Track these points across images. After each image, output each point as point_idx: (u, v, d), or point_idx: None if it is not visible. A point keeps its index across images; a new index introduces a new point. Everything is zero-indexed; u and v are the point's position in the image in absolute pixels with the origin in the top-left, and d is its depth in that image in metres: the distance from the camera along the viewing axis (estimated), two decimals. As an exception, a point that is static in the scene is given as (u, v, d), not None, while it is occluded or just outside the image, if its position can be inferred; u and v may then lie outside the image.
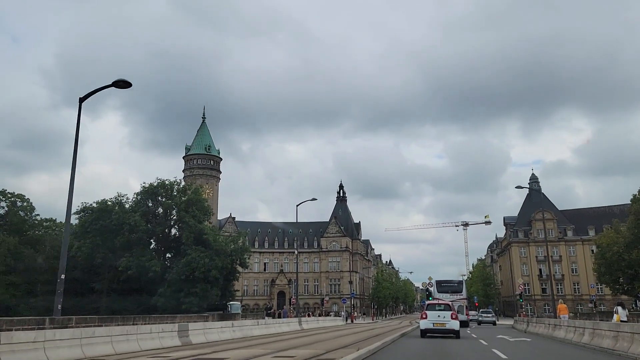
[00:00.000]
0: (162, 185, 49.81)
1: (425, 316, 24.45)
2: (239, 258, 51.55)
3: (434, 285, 46.50)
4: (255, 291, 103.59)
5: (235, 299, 58.22)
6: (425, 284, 45.90)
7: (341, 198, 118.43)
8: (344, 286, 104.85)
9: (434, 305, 25.56)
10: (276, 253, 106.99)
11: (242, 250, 51.22)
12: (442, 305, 25.45)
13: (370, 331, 32.08)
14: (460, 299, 45.93)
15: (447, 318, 23.59)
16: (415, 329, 34.40)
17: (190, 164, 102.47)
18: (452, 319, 23.61)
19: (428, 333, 24.32)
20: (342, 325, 42.33)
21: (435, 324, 23.75)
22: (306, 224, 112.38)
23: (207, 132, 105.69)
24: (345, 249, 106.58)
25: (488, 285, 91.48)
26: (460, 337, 23.60)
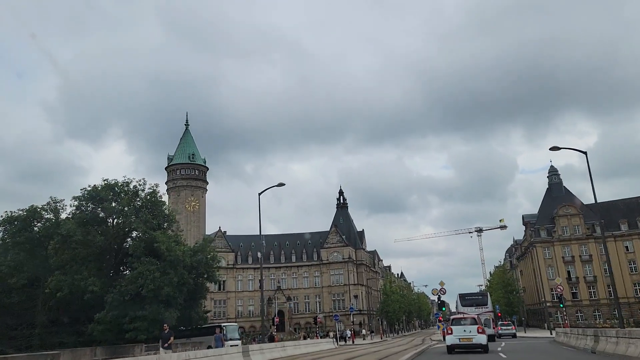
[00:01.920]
0: (110, 188, 40.55)
1: (451, 331, 23.24)
2: (206, 272, 42.08)
3: (457, 299, 43.02)
4: (250, 312, 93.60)
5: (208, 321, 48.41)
6: (436, 290, 36.38)
7: (341, 205, 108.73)
8: (349, 301, 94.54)
9: (459, 320, 24.29)
10: (272, 268, 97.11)
11: (209, 262, 41.70)
12: (467, 319, 24.03)
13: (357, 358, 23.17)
14: (486, 312, 41.50)
15: (473, 332, 22.62)
16: (434, 345, 31.82)
17: (173, 175, 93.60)
18: (479, 333, 22.64)
19: (455, 349, 23.06)
20: (327, 351, 32.49)
21: (462, 339, 22.72)
22: (305, 234, 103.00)
23: (191, 139, 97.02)
24: (348, 260, 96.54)
25: (510, 292, 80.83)
26: (488, 352, 22.46)
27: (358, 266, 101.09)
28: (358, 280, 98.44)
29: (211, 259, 42.22)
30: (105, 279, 37.12)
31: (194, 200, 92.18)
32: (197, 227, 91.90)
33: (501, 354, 21.85)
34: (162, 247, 36.51)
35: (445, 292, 37.30)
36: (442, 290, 36.76)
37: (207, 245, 43.36)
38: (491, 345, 25.74)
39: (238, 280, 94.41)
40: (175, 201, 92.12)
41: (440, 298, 36.72)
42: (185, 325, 41.52)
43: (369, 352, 28.68)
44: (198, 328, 53.53)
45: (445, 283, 37.94)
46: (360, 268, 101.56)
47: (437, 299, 37.06)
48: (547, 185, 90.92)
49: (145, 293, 34.83)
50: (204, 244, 43.37)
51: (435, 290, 37.31)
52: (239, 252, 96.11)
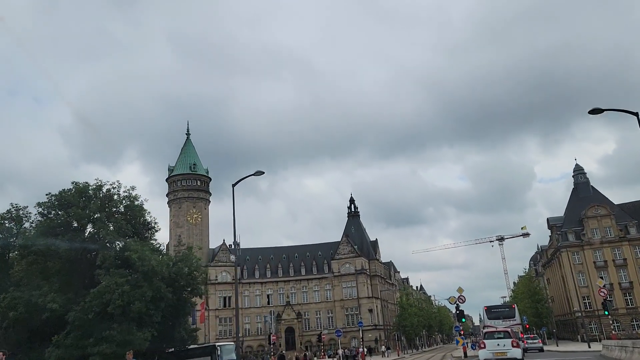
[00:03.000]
0: (80, 191, 35.85)
1: (484, 345, 22.93)
2: (191, 284, 36.92)
3: (482, 312, 41.24)
4: (258, 330, 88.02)
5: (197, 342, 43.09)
6: (453, 299, 30.79)
7: (353, 214, 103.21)
8: (363, 315, 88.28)
9: (492, 333, 24.06)
10: (281, 282, 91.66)
11: (192, 273, 36.53)
12: (501, 332, 23.78)
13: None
14: (514, 325, 37.74)
15: (507, 346, 22.13)
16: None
17: (174, 187, 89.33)
18: (514, 346, 22.13)
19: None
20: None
21: (496, 354, 22.08)
22: (314, 246, 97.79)
23: (192, 149, 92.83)
24: (361, 272, 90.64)
25: (538, 302, 74.10)
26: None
27: (372, 278, 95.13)
28: (372, 293, 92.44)
29: (194, 269, 37.02)
30: (72, 295, 32.15)
31: (196, 212, 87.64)
32: (200, 240, 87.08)
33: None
34: (133, 257, 31.49)
35: (464, 301, 31.74)
36: (460, 299, 31.26)
37: (191, 254, 38.17)
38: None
39: (245, 296, 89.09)
40: (177, 214, 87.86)
41: (458, 307, 31.15)
42: (167, 346, 36.28)
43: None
44: (189, 349, 48.39)
45: (464, 290, 32.33)
46: (375, 280, 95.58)
47: (456, 309, 31.47)
48: (573, 186, 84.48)
49: (111, 310, 29.79)
50: (188, 254, 38.21)
51: (453, 299, 31.82)
52: (245, 265, 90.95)
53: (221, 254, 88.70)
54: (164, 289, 33.12)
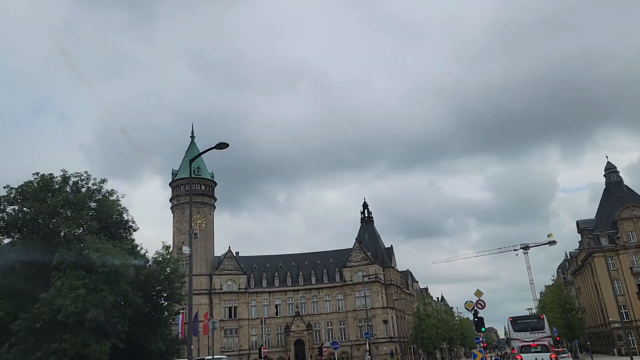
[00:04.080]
0: (44, 184, 31.65)
1: (521, 359, 21.91)
2: (167, 289, 32.29)
3: (508, 324, 38.40)
4: (267, 341, 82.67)
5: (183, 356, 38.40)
6: (470, 303, 25.38)
7: (366, 219, 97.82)
8: (377, 327, 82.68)
9: (529, 347, 23.29)
10: (289, 292, 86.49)
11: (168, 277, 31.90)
12: (538, 345, 22.93)
13: None
14: (543, 338, 33.48)
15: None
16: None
17: (177, 191, 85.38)
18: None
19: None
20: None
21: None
22: (325, 253, 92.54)
23: (197, 152, 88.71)
24: (374, 280, 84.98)
25: (569, 312, 67.42)
26: None
27: (387, 287, 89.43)
28: (387, 303, 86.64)
29: (171, 272, 32.39)
30: (22, 301, 27.76)
31: (200, 218, 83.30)
32: (204, 247, 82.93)
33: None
34: (91, 255, 26.97)
35: (484, 306, 26.34)
36: (479, 304, 25.93)
37: (168, 254, 33.55)
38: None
39: (251, 306, 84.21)
40: (180, 220, 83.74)
41: (477, 314, 25.82)
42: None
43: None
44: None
45: (483, 294, 26.98)
46: (390, 289, 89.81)
47: (474, 316, 26.15)
48: (605, 186, 77.90)
49: (63, 318, 25.27)
50: (167, 257, 33.61)
51: (470, 304, 26.46)
52: (252, 274, 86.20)
53: (226, 262, 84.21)
54: (132, 294, 28.52)
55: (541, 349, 23.43)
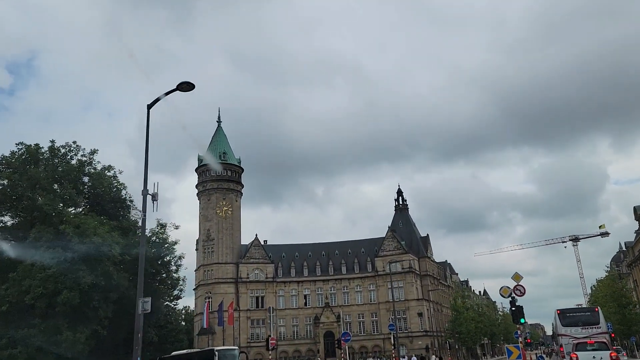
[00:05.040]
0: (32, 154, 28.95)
1: (577, 358, 19.24)
2: (163, 269, 28.99)
3: (555, 317, 33.02)
4: (295, 333, 79.58)
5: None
6: (507, 289, 20.65)
7: (401, 207, 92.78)
8: (411, 320, 78.03)
9: (585, 345, 20.28)
10: (319, 282, 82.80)
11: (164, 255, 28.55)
12: (595, 343, 20.35)
13: None
14: (598, 334, 28.41)
15: (605, 359, 18.73)
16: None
17: (203, 177, 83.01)
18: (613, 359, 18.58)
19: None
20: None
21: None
22: (357, 242, 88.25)
23: (224, 137, 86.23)
24: (409, 270, 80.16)
25: (625, 306, 60.63)
26: None
27: (422, 278, 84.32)
28: (422, 295, 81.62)
29: (167, 250, 29.03)
30: (-4, 282, 25.03)
31: (226, 205, 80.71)
32: (231, 235, 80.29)
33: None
34: (67, 231, 23.88)
35: (523, 293, 21.70)
36: (517, 290, 21.29)
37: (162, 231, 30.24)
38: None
39: (279, 296, 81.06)
40: (206, 206, 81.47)
41: (515, 302, 21.19)
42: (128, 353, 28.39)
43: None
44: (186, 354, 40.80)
45: (522, 277, 22.24)
46: (426, 280, 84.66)
47: (511, 304, 21.55)
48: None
49: (31, 301, 22.30)
50: (159, 233, 30.30)
51: (506, 290, 21.86)
52: (280, 263, 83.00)
53: (253, 250, 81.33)
54: (118, 276, 25.29)
55: (599, 347, 20.04)
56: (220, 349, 37.25)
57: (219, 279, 77.04)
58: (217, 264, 77.72)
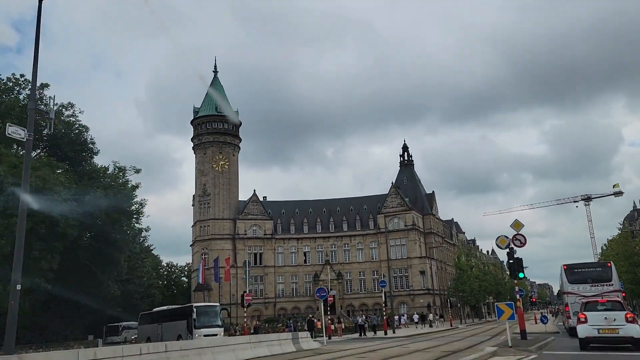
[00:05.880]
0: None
1: (585, 319, 16.37)
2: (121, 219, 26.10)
3: (561, 273, 28.76)
4: (294, 291, 77.97)
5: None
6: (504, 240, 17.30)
7: (406, 163, 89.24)
8: (413, 278, 75.87)
9: (595, 304, 17.31)
10: (319, 239, 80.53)
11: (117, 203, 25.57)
12: (608, 302, 17.52)
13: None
14: (609, 292, 25.28)
15: (620, 321, 15.86)
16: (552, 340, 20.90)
17: (198, 130, 79.76)
18: (629, 321, 15.82)
19: (592, 343, 16.28)
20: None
21: (602, 330, 16.02)
22: (359, 199, 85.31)
23: (220, 88, 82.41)
24: (412, 227, 77.43)
25: (637, 265, 57.49)
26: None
27: (426, 236, 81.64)
28: (426, 253, 79.08)
29: (125, 196, 26.04)
30: None
31: (223, 159, 77.73)
32: (228, 190, 77.63)
33: None
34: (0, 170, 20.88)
35: (524, 243, 18.47)
36: (517, 239, 18.11)
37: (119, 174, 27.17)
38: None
39: (278, 253, 79.06)
40: (202, 160, 78.59)
41: (513, 254, 18.04)
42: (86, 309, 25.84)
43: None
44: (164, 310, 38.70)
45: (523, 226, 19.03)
46: (430, 238, 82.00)
47: (508, 257, 18.45)
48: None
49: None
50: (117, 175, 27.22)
51: (504, 240, 18.75)
52: (279, 220, 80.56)
53: (251, 206, 78.82)
54: (65, 224, 22.39)
55: (612, 307, 16.85)
56: (199, 305, 35.08)
57: (216, 235, 74.95)
58: (213, 220, 75.47)
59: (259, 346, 16.36)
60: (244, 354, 14.96)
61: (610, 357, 14.08)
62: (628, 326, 15.78)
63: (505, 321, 16.35)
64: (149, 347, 12.02)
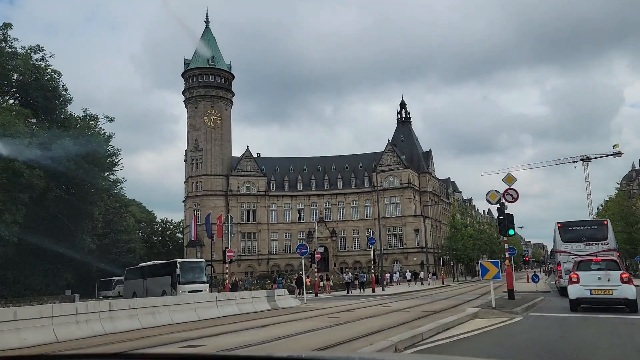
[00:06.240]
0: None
1: (577, 278, 15.19)
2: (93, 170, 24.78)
3: (555, 231, 27.24)
4: (287, 248, 77.61)
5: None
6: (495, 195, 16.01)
7: (403, 120, 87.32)
8: (407, 236, 75.49)
9: (589, 263, 15.97)
10: (313, 196, 79.61)
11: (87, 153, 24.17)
12: (603, 261, 16.14)
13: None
14: (605, 251, 23.84)
15: (614, 281, 14.66)
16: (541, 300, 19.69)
17: (189, 83, 77.33)
18: (624, 282, 14.65)
19: (582, 304, 15.26)
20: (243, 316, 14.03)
21: (595, 291, 14.83)
22: (355, 156, 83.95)
23: (212, 40, 79.39)
24: (407, 186, 76.44)
25: (632, 225, 56.92)
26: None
27: (422, 194, 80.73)
28: (421, 212, 78.33)
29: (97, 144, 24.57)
30: None
31: (215, 114, 75.77)
32: (220, 145, 76.07)
33: None
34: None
35: (515, 199, 17.25)
36: (508, 194, 16.87)
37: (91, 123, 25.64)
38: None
39: (272, 210, 78.33)
40: (193, 115, 76.64)
41: (504, 209, 16.86)
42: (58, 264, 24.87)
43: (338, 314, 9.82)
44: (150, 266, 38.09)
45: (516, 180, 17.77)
46: (425, 197, 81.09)
47: (498, 213, 17.30)
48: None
49: None
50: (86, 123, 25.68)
51: (494, 195, 17.52)
52: (273, 176, 79.38)
53: (245, 163, 77.46)
54: (30, 175, 21.05)
55: (607, 266, 15.47)
56: (183, 261, 34.36)
57: (208, 191, 73.93)
58: (205, 176, 74.27)
59: (227, 304, 15.42)
60: (208, 312, 13.99)
61: (600, 319, 13.08)
62: (623, 287, 14.65)
63: (490, 280, 15.21)
64: (87, 307, 10.90)
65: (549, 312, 15.04)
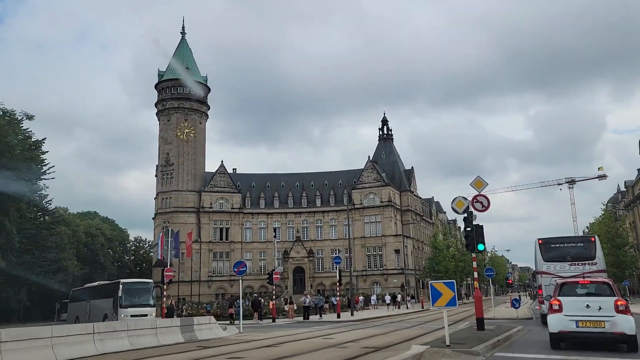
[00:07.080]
0: None
1: (560, 306, 11.74)
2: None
3: (536, 248, 23.23)
4: (262, 268, 73.80)
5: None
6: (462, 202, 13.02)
7: (384, 137, 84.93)
8: (387, 257, 72.29)
9: (575, 286, 12.55)
10: (290, 214, 76.31)
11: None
12: (592, 284, 12.46)
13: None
14: (593, 272, 19.92)
15: (606, 310, 11.18)
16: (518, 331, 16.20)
17: (162, 95, 74.34)
18: (620, 311, 11.09)
19: (566, 339, 11.81)
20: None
21: (582, 323, 11.28)
22: (334, 173, 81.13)
23: (188, 51, 76.79)
24: (388, 204, 73.51)
25: (620, 247, 54.31)
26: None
27: (403, 213, 77.83)
28: (402, 231, 75.33)
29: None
30: None
31: (188, 127, 72.66)
32: (193, 160, 72.82)
33: None
34: None
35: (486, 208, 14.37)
36: (477, 201, 14.00)
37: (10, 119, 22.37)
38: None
39: (246, 228, 74.81)
40: (166, 128, 73.56)
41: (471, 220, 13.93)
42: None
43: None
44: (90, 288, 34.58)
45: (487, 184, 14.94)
46: (407, 216, 78.23)
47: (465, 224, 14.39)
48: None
49: None
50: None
51: (461, 202, 14.62)
52: (248, 193, 76.06)
53: (218, 178, 74.13)
54: None
55: (597, 290, 11.98)
56: (126, 282, 30.81)
57: (179, 208, 70.36)
58: (176, 192, 70.79)
59: (116, 337, 12.09)
60: (77, 350, 10.57)
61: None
62: (618, 317, 11.11)
63: (443, 308, 11.81)
64: None
65: (521, 352, 11.37)
